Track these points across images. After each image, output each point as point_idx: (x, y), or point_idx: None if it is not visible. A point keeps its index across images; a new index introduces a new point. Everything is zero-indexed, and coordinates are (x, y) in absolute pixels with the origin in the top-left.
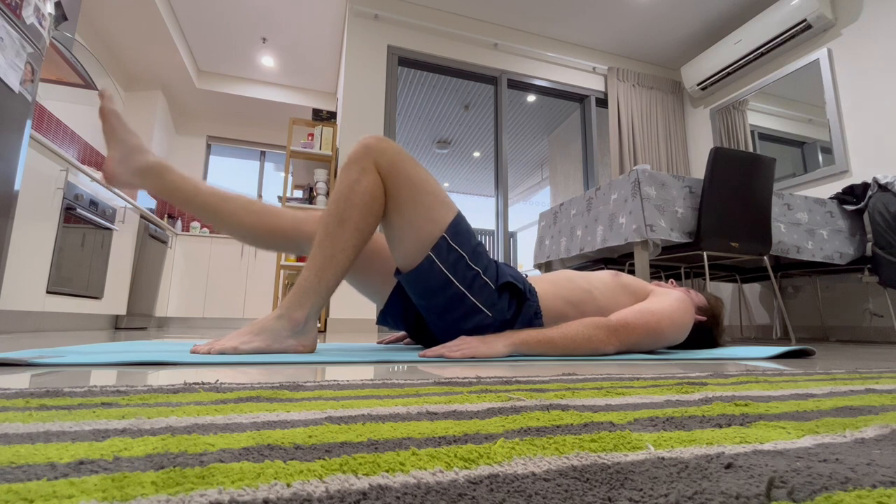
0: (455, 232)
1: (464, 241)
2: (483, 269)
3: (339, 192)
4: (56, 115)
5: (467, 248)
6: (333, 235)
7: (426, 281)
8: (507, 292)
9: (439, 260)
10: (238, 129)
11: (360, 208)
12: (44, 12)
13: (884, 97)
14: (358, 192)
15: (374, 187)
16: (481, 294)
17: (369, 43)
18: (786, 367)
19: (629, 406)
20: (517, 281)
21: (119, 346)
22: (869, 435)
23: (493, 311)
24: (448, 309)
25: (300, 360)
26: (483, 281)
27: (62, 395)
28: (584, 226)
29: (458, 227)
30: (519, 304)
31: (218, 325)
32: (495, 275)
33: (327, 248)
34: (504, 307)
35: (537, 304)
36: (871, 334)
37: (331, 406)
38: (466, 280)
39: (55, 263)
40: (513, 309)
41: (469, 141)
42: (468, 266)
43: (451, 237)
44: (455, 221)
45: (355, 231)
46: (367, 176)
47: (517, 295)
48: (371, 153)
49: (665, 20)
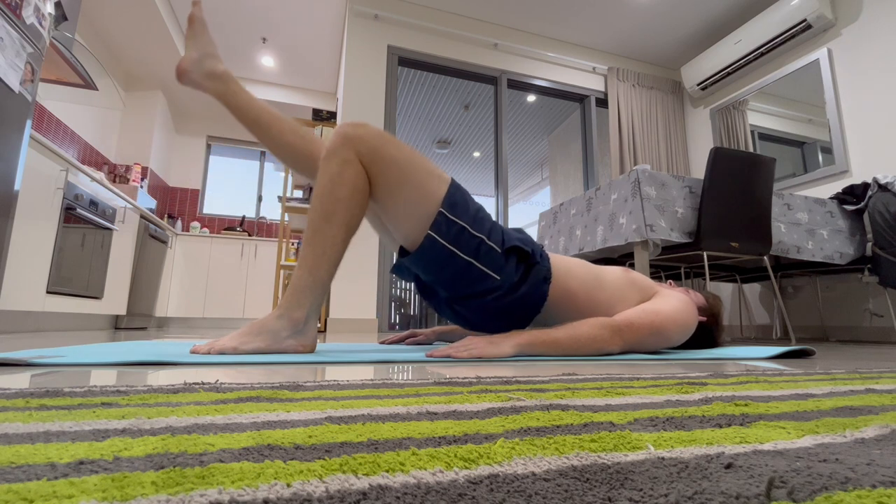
0: (452, 203)
1: (462, 211)
2: (487, 235)
3: (321, 187)
4: (56, 115)
5: (467, 218)
6: (321, 232)
7: (431, 259)
8: (514, 255)
9: (440, 236)
10: (238, 129)
11: (345, 202)
12: (44, 12)
13: (884, 97)
14: (341, 186)
15: (357, 178)
16: (488, 259)
17: (369, 43)
18: (786, 367)
19: (629, 406)
20: (525, 244)
21: (119, 346)
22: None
23: (501, 275)
24: (456, 279)
25: (300, 360)
26: (488, 246)
27: (62, 395)
28: (584, 226)
29: (454, 197)
30: (527, 267)
31: (218, 325)
32: (500, 239)
33: (317, 245)
34: (511, 270)
35: (548, 269)
36: (871, 334)
37: (331, 406)
38: (471, 249)
39: (55, 263)
40: (520, 271)
41: (469, 141)
42: (471, 235)
43: (449, 210)
44: (450, 192)
45: (342, 225)
46: (349, 167)
47: (525, 258)
48: (351, 143)
49: (665, 20)
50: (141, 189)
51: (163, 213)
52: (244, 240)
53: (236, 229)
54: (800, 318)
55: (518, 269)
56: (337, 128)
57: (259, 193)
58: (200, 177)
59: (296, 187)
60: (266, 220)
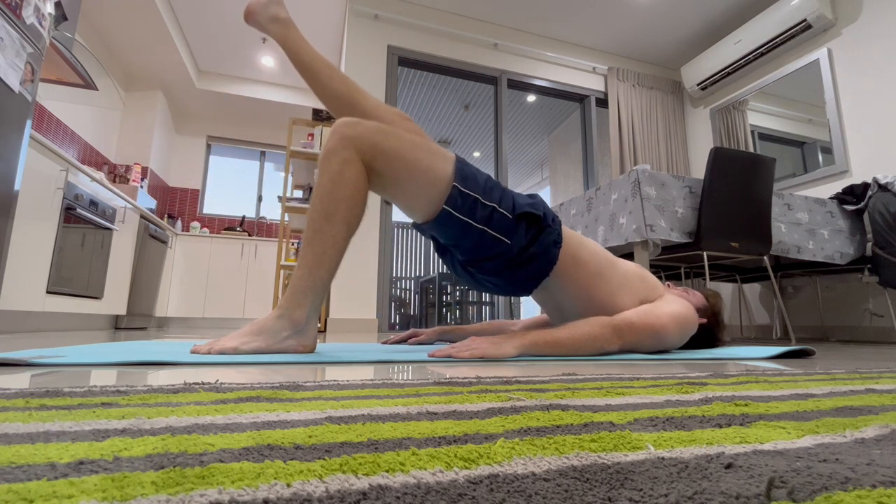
0: (463, 177)
1: (473, 183)
2: (498, 202)
3: (322, 187)
4: (56, 115)
5: (479, 189)
6: (322, 231)
7: (448, 229)
8: (524, 221)
9: (455, 209)
10: (238, 129)
11: (346, 201)
12: (44, 12)
13: (884, 97)
14: (341, 185)
15: (358, 177)
16: (500, 225)
17: (369, 43)
18: (786, 367)
19: (629, 406)
20: (535, 209)
21: (119, 346)
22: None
23: (511, 239)
24: (472, 246)
25: (300, 360)
26: (500, 213)
27: (62, 395)
28: (585, 226)
29: (464, 172)
30: (538, 231)
31: (218, 325)
32: (511, 205)
33: (317, 244)
34: (521, 234)
35: (558, 234)
36: (871, 334)
37: (331, 406)
38: (484, 217)
39: (55, 263)
40: (530, 235)
41: (469, 141)
42: (483, 205)
43: (462, 184)
44: (458, 168)
45: (343, 224)
46: (350, 167)
47: (535, 222)
48: (350, 142)
49: (665, 20)
50: (141, 189)
51: (163, 213)
52: (244, 240)
53: (236, 229)
54: (800, 318)
55: (528, 233)
56: (333, 127)
57: (259, 193)
58: (200, 177)
59: (296, 187)
60: (266, 220)
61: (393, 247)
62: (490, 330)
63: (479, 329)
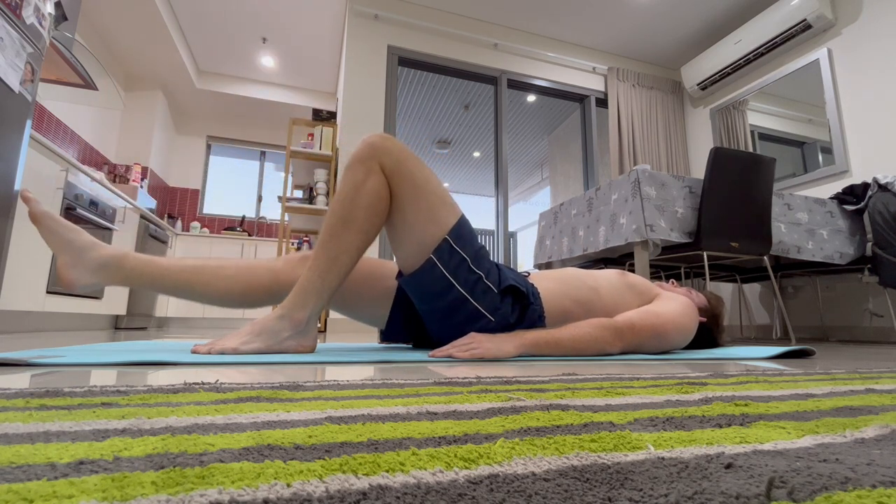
0: (458, 235)
1: (466, 244)
2: (485, 273)
3: (343, 193)
4: (56, 115)
5: (469, 252)
6: (338, 237)
7: (428, 284)
8: (510, 296)
9: (441, 262)
10: (238, 129)
11: (366, 209)
12: (44, 12)
13: (884, 97)
14: (363, 193)
15: (380, 187)
16: (484, 298)
17: (369, 43)
18: (786, 367)
19: (629, 406)
20: (520, 284)
21: (119, 346)
22: (869, 435)
23: (496, 316)
24: (450, 313)
25: (300, 360)
26: (486, 285)
27: (62, 395)
28: (586, 226)
29: (462, 229)
30: (522, 308)
31: (218, 325)
32: (497, 279)
33: (331, 249)
34: (507, 311)
35: (541, 307)
36: (871, 334)
37: (331, 406)
38: (469, 284)
39: (55, 263)
40: (516, 313)
41: (469, 141)
42: (470, 269)
43: (454, 240)
44: (458, 224)
45: (359, 232)
46: (373, 176)
47: (520, 299)
48: (376, 153)
49: (665, 20)
50: (141, 189)
51: (163, 213)
52: (244, 240)
53: (236, 229)
54: (800, 318)
55: (514, 309)
56: (365, 137)
57: (259, 193)
58: (200, 177)
59: (296, 187)
60: (266, 220)
61: None
62: None
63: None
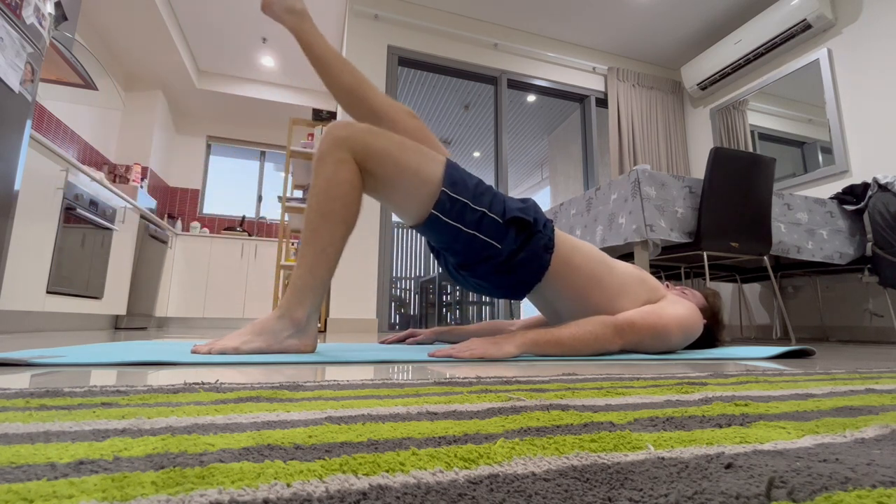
0: (452, 182)
1: (462, 188)
2: (488, 207)
3: (317, 188)
4: (56, 115)
5: (468, 194)
6: (319, 231)
7: (438, 233)
8: (514, 226)
9: (443, 214)
10: (238, 129)
11: (341, 199)
12: (44, 12)
13: (884, 97)
14: (336, 185)
15: (353, 177)
16: (490, 230)
17: (369, 43)
18: (786, 367)
19: (629, 406)
20: (525, 214)
21: (119, 347)
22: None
23: (501, 243)
24: (463, 250)
25: (300, 360)
26: (490, 218)
27: (62, 395)
28: (584, 226)
29: (453, 176)
30: (528, 236)
31: (218, 325)
32: (502, 210)
33: (315, 244)
34: (511, 239)
35: (549, 238)
36: (871, 334)
37: (331, 406)
38: (474, 223)
39: (55, 263)
40: (520, 240)
41: (469, 141)
42: (473, 210)
43: (450, 188)
44: (447, 172)
45: (340, 224)
46: (344, 166)
47: (526, 227)
48: (343, 143)
49: (665, 20)
50: (141, 189)
51: (163, 213)
52: (244, 240)
53: (236, 229)
54: (800, 318)
55: (518, 237)
56: (326, 130)
57: (259, 193)
58: (200, 177)
59: (296, 187)
60: (266, 220)
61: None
62: (488, 330)
63: (477, 329)
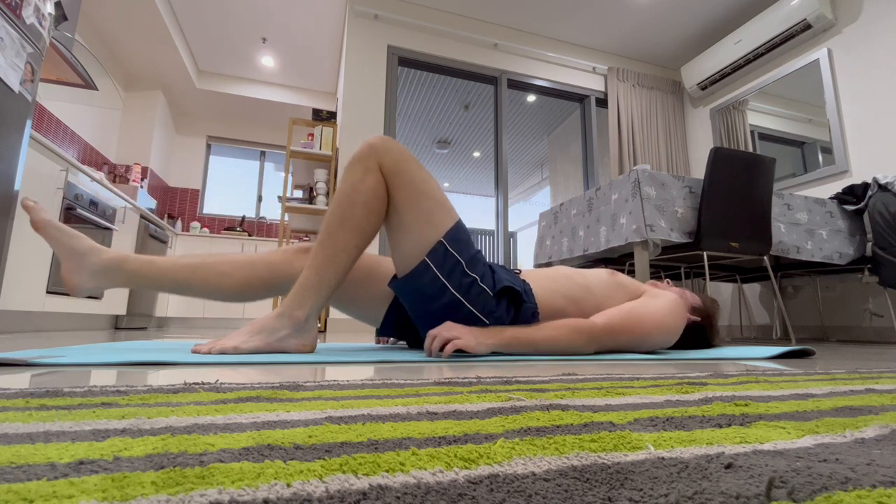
0: (454, 238)
1: (462, 248)
2: (480, 276)
3: (342, 192)
4: (56, 115)
5: (465, 256)
6: (335, 235)
7: (421, 286)
8: (505, 298)
9: (435, 265)
10: (238, 129)
11: (363, 207)
12: (44, 12)
13: (884, 97)
14: (361, 192)
15: (378, 187)
16: (478, 301)
17: (369, 43)
18: (786, 367)
19: (629, 406)
20: (514, 284)
21: (119, 346)
22: (869, 435)
23: (490, 319)
24: (444, 317)
25: (300, 360)
26: (480, 288)
27: (62, 395)
28: (587, 226)
29: (458, 233)
30: (517, 307)
31: (218, 325)
32: (492, 281)
33: (329, 247)
34: (503, 313)
35: (535, 305)
36: (871, 334)
37: (331, 406)
38: (462, 287)
39: (55, 263)
40: (511, 314)
41: (469, 141)
42: (464, 273)
43: (450, 242)
44: (455, 228)
45: (357, 231)
46: (371, 175)
47: (515, 299)
48: (375, 153)
49: (665, 20)
50: (141, 189)
51: (163, 213)
52: (244, 240)
53: (236, 229)
54: (800, 318)
55: (509, 310)
56: (367, 139)
57: (259, 193)
58: (200, 177)
59: (296, 187)
60: (266, 220)
61: None
62: None
63: None
